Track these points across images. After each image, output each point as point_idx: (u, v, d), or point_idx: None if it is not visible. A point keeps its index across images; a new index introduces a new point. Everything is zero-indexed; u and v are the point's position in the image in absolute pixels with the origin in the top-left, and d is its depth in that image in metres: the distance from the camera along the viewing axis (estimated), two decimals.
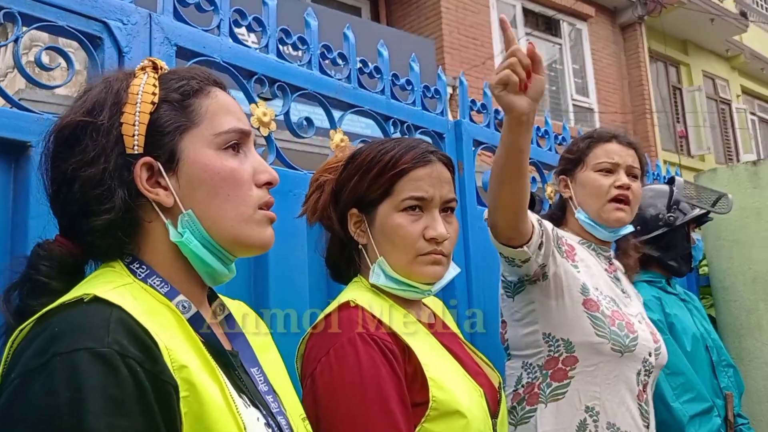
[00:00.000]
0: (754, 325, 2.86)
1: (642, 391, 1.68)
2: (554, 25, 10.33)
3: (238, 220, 0.88)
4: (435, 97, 2.17)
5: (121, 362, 0.70)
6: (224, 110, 0.91)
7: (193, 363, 0.78)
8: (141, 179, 0.85)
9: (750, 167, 2.98)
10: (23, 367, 0.71)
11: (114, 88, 0.88)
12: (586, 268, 1.73)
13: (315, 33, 1.80)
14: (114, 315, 0.74)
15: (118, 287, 0.80)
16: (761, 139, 14.65)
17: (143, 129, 0.86)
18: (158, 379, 0.73)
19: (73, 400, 0.67)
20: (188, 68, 0.96)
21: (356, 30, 2.00)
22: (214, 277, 0.92)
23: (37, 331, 0.74)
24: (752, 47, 13.49)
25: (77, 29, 1.31)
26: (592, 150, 1.85)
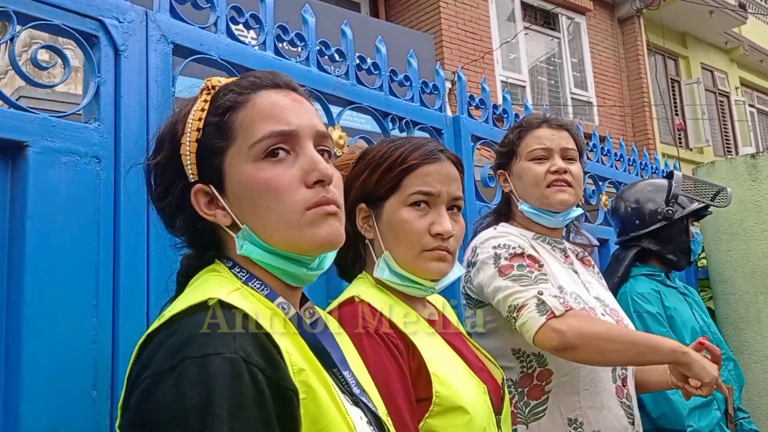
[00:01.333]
0: (753, 317, 2.86)
1: (621, 386, 1.64)
2: (553, 18, 10.30)
3: (285, 228, 0.89)
4: (433, 92, 2.17)
5: (245, 369, 0.73)
6: (261, 116, 0.90)
7: (305, 365, 0.81)
8: (199, 205, 0.91)
9: (749, 160, 2.98)
10: (155, 368, 0.74)
11: (172, 123, 0.94)
12: (548, 269, 1.65)
13: (312, 29, 1.79)
14: (238, 320, 0.78)
15: (233, 291, 0.85)
16: (760, 132, 14.64)
17: (193, 158, 0.91)
18: (279, 386, 0.76)
19: (201, 403, 0.70)
20: (241, 78, 0.96)
21: (355, 25, 2.00)
22: (295, 278, 0.94)
23: (167, 334, 0.77)
24: (751, 39, 13.47)
25: (73, 28, 1.30)
26: (523, 139, 1.78)
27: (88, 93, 1.31)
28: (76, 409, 1.14)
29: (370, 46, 2.04)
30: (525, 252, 1.59)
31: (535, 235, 1.76)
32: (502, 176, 1.84)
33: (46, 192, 1.19)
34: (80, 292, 1.20)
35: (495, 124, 2.38)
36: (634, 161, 3.23)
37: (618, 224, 2.46)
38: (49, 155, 1.21)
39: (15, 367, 1.11)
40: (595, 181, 2.90)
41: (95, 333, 1.19)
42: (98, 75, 1.31)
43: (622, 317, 1.73)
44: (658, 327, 2.10)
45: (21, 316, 1.12)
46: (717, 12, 11.65)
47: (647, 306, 2.13)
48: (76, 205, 1.22)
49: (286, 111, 0.92)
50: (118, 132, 1.31)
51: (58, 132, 1.23)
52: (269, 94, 0.92)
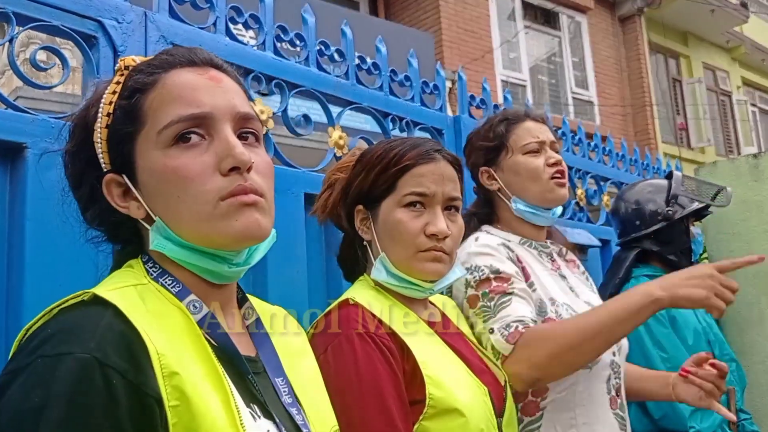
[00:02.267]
0: (755, 319, 2.85)
1: (615, 396, 1.56)
2: (553, 17, 10.30)
3: (196, 220, 0.81)
4: (434, 92, 2.16)
5: (98, 371, 0.67)
6: (170, 98, 0.81)
7: (190, 370, 0.74)
8: (112, 196, 0.84)
9: (751, 160, 2.97)
10: (13, 365, 0.70)
11: (86, 107, 0.87)
12: (537, 280, 1.57)
13: (312, 29, 1.79)
14: (107, 318, 0.71)
15: (125, 287, 0.79)
16: (762, 131, 14.62)
17: (104, 145, 0.84)
18: (140, 391, 0.69)
19: (38, 405, 0.65)
20: (152, 57, 0.88)
21: (354, 25, 1.99)
22: (214, 275, 0.85)
23: (36, 332, 0.72)
24: (753, 38, 13.45)
25: (72, 28, 1.30)
26: (512, 132, 1.67)
27: (87, 94, 1.30)
28: None
29: (370, 45, 2.04)
30: (491, 276, 1.49)
31: (522, 239, 1.67)
32: (486, 174, 1.70)
33: (45, 193, 1.19)
34: None
35: None
36: (636, 161, 3.23)
37: (618, 225, 2.46)
38: (47, 156, 1.20)
39: None
40: (597, 181, 2.90)
41: None
42: (97, 76, 1.31)
43: None
44: (661, 328, 2.09)
45: (20, 318, 1.12)
46: (718, 11, 11.64)
47: None
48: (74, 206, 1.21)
49: (199, 91, 0.83)
50: None
51: (56, 133, 1.22)
52: (181, 73, 0.83)
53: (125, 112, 0.83)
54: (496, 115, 1.75)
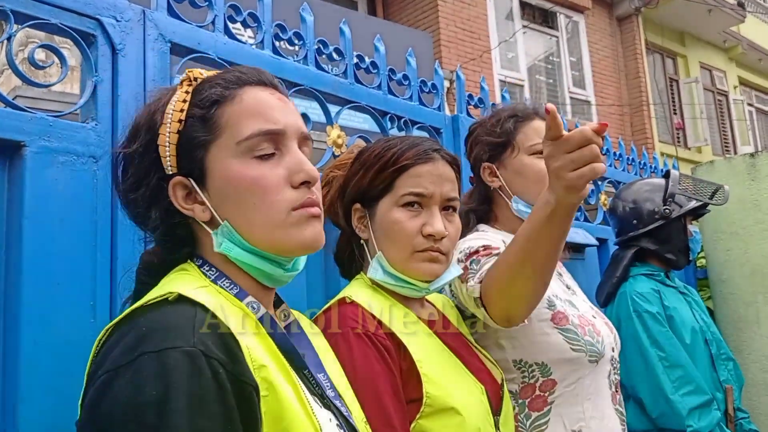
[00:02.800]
0: (752, 317, 2.86)
1: (615, 392, 1.56)
2: (551, 17, 10.30)
3: (269, 227, 0.88)
4: (432, 92, 2.16)
5: (206, 363, 0.71)
6: (248, 114, 0.89)
7: (270, 363, 0.80)
8: (176, 198, 0.89)
9: (748, 159, 2.98)
10: (111, 364, 0.72)
11: (150, 112, 0.91)
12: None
13: (311, 28, 1.79)
14: (199, 315, 0.76)
15: (198, 288, 0.83)
16: (759, 131, 14.64)
17: (173, 149, 0.88)
18: (239, 381, 0.74)
19: (158, 398, 0.68)
20: (223, 72, 0.94)
21: (352, 24, 1.99)
22: (270, 279, 0.92)
23: (125, 330, 0.75)
24: (750, 38, 13.47)
25: (70, 27, 1.29)
26: (520, 130, 1.61)
27: (85, 92, 1.31)
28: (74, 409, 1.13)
29: (368, 44, 2.04)
30: (480, 249, 1.44)
31: None
32: (488, 170, 1.65)
33: (44, 192, 1.19)
34: (77, 293, 1.19)
35: None
36: (633, 160, 3.23)
37: (616, 224, 2.46)
38: (46, 155, 1.20)
39: (13, 368, 1.11)
40: (594, 180, 2.90)
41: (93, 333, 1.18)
42: (95, 74, 1.31)
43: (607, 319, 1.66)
44: (658, 326, 2.10)
45: (18, 317, 1.12)
46: (716, 11, 11.65)
47: (647, 305, 2.13)
48: (73, 205, 1.22)
49: (274, 110, 0.91)
50: (115, 131, 1.30)
51: (55, 132, 1.22)
52: (255, 91, 0.91)
53: (202, 120, 0.89)
54: (504, 108, 1.68)
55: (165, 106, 0.90)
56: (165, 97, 0.92)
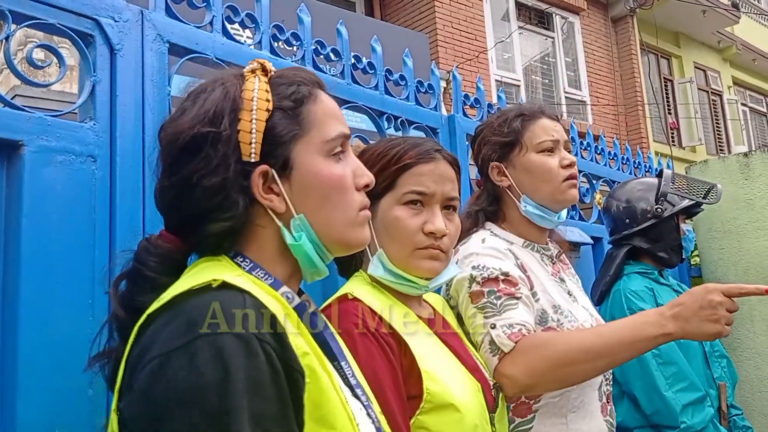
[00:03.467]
0: (745, 315, 2.88)
1: (606, 403, 1.56)
2: (547, 18, 10.32)
3: (345, 224, 0.92)
4: (428, 92, 2.17)
5: (260, 347, 0.72)
6: (331, 116, 0.93)
7: (309, 351, 0.81)
8: (258, 187, 0.87)
9: (741, 158, 3.00)
10: (162, 347, 0.72)
11: (231, 94, 0.89)
12: (541, 287, 1.55)
13: (308, 29, 1.79)
14: (247, 301, 0.76)
15: (237, 276, 0.83)
16: (752, 131, 14.69)
17: (260, 137, 0.87)
18: (288, 366, 0.75)
19: (219, 380, 0.68)
20: (294, 71, 0.95)
21: (350, 25, 2.00)
22: (314, 275, 0.94)
23: (171, 315, 0.75)
24: (744, 39, 13.52)
25: (68, 27, 1.30)
26: (527, 129, 1.62)
27: (83, 92, 1.31)
28: (72, 408, 1.14)
29: (366, 45, 2.05)
30: (500, 277, 1.46)
31: (525, 242, 1.64)
32: (497, 169, 1.66)
33: (42, 191, 1.19)
34: (76, 291, 1.19)
35: None
36: (628, 160, 3.24)
37: (610, 223, 2.47)
38: (44, 154, 1.20)
39: (11, 365, 1.11)
40: (589, 179, 2.92)
41: (91, 332, 1.19)
42: (94, 74, 1.31)
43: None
44: None
45: (17, 315, 1.12)
46: (710, 11, 11.69)
47: (640, 303, 2.14)
48: (71, 204, 1.22)
49: (341, 115, 0.96)
50: (113, 131, 1.31)
51: (53, 131, 1.22)
52: (324, 95, 0.95)
53: (291, 115, 0.90)
54: (510, 108, 1.70)
55: (242, 92, 0.89)
56: (236, 80, 0.90)
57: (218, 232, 0.87)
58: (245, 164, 0.86)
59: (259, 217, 0.89)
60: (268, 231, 0.90)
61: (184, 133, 0.86)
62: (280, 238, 0.89)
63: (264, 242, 0.90)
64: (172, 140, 0.88)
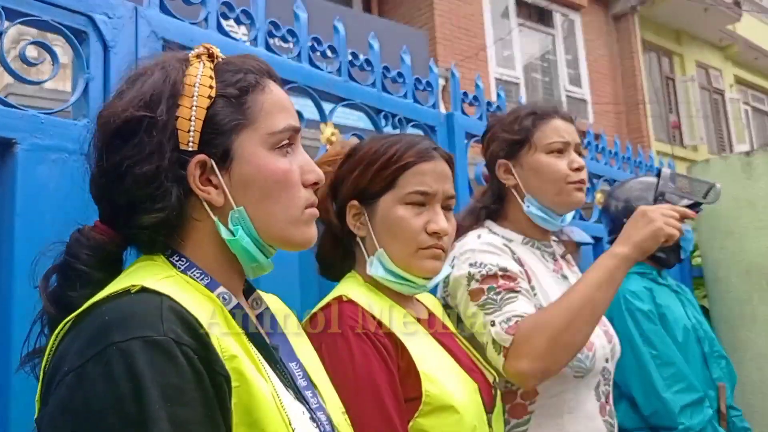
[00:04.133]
0: (747, 316, 2.86)
1: (605, 403, 1.55)
2: (547, 15, 10.31)
3: (287, 221, 0.88)
4: (427, 89, 2.16)
5: (178, 350, 0.69)
6: (279, 107, 0.89)
7: (240, 354, 0.78)
8: (194, 178, 0.84)
9: (743, 158, 2.99)
10: (77, 359, 0.69)
11: (171, 78, 0.84)
12: (538, 283, 1.55)
13: (304, 25, 1.78)
14: (165, 303, 0.73)
15: (163, 278, 0.79)
16: (754, 129, 14.68)
17: (199, 125, 0.83)
18: (212, 370, 0.72)
19: (134, 390, 0.66)
20: (243, 58, 0.91)
21: (347, 21, 1.99)
22: (257, 271, 0.92)
23: (85, 324, 0.72)
24: (746, 36, 13.49)
25: (62, 23, 1.29)
26: (538, 128, 1.61)
27: (77, 89, 1.30)
28: None
29: (363, 42, 2.03)
30: (498, 273, 1.47)
31: (525, 239, 1.64)
32: (504, 167, 1.64)
33: (35, 189, 1.18)
34: None
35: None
36: (629, 159, 3.23)
37: (609, 222, 2.46)
38: (37, 152, 1.20)
39: (4, 366, 1.10)
40: (590, 178, 2.90)
41: None
42: (87, 71, 1.30)
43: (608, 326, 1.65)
44: (650, 324, 2.10)
45: (10, 314, 1.11)
46: (712, 9, 11.67)
47: (639, 304, 2.13)
48: (65, 202, 1.21)
49: (292, 107, 0.92)
50: None
51: (46, 129, 1.22)
52: (274, 85, 0.91)
53: (235, 104, 0.86)
54: (523, 106, 1.68)
55: (183, 76, 0.85)
56: (180, 64, 0.87)
57: (150, 225, 0.82)
58: (182, 153, 0.83)
59: (197, 210, 0.85)
60: (205, 226, 0.86)
61: (118, 116, 0.82)
62: (219, 233, 0.86)
63: (202, 238, 0.86)
64: (105, 123, 0.83)
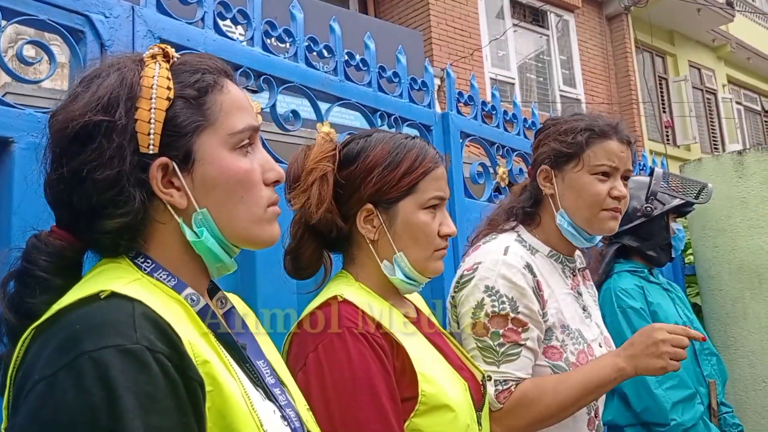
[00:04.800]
0: (739, 313, 2.88)
1: (594, 417, 1.56)
2: (541, 16, 10.33)
3: (250, 221, 0.88)
4: (422, 89, 2.17)
5: (152, 358, 0.68)
6: (237, 107, 0.88)
7: (212, 357, 0.77)
8: (157, 181, 0.82)
9: (735, 157, 3.00)
10: (46, 368, 0.67)
11: (128, 80, 0.82)
12: (555, 304, 1.54)
13: (301, 25, 1.79)
14: (137, 310, 0.72)
15: (130, 282, 0.77)
16: (747, 129, 14.74)
17: (159, 127, 0.81)
18: (186, 375, 0.71)
19: (108, 399, 0.65)
20: (199, 57, 0.90)
21: (343, 22, 1.99)
22: (222, 270, 0.91)
23: (54, 331, 0.71)
24: (738, 37, 13.54)
25: (59, 23, 1.29)
26: (591, 147, 1.57)
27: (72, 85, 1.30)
28: None
29: (359, 42, 2.04)
30: (510, 315, 1.46)
31: (551, 251, 1.62)
32: (545, 174, 1.62)
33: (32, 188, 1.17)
34: None
35: (484, 121, 2.38)
36: None
37: None
38: (34, 151, 1.18)
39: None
40: None
41: None
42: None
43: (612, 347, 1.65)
44: (642, 322, 2.11)
45: None
46: (704, 10, 11.71)
47: (630, 301, 2.14)
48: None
49: (250, 106, 0.91)
50: None
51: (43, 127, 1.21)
52: (231, 84, 0.90)
53: (194, 105, 0.85)
54: (583, 117, 1.64)
55: (140, 78, 0.83)
56: (135, 66, 0.85)
57: (114, 230, 0.81)
58: (143, 156, 0.81)
59: (159, 213, 0.84)
60: (169, 228, 0.85)
61: (75, 121, 0.79)
62: (182, 233, 0.85)
63: (166, 240, 0.85)
64: (61, 128, 0.81)
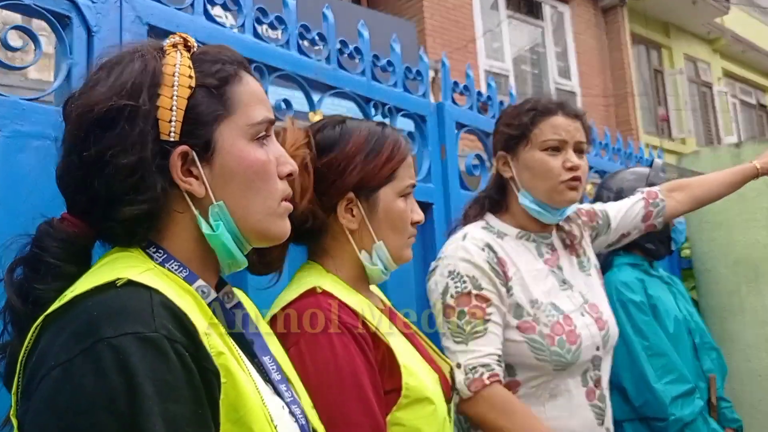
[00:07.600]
0: (736, 307, 2.87)
1: (594, 387, 1.57)
2: (536, 7, 10.29)
3: (265, 213, 0.87)
4: (417, 78, 2.13)
5: (170, 347, 0.68)
6: (256, 99, 0.89)
7: (225, 350, 0.77)
8: (177, 169, 0.82)
9: (732, 149, 2.99)
10: (63, 354, 0.67)
11: (150, 67, 0.82)
12: (520, 281, 1.56)
13: (293, 12, 1.75)
14: (155, 299, 0.72)
15: (144, 271, 0.77)
16: (742, 122, 14.76)
17: (181, 115, 0.82)
18: (201, 366, 0.71)
19: (127, 385, 0.65)
20: (219, 48, 0.90)
21: (336, 12, 1.96)
22: (233, 266, 0.90)
23: (69, 317, 0.70)
24: (734, 30, 13.54)
25: (45, 8, 1.26)
26: (537, 125, 1.62)
27: (59, 75, 1.27)
28: None
29: (353, 33, 2.01)
30: (473, 292, 1.50)
31: (520, 232, 1.66)
32: (503, 160, 1.68)
33: (17, 176, 1.16)
34: None
35: (479, 112, 2.35)
36: (619, 150, 3.23)
37: None
38: (19, 139, 1.17)
39: None
40: None
41: None
42: (70, 57, 1.28)
43: (602, 312, 1.65)
44: (642, 315, 2.10)
45: None
46: (700, 2, 11.70)
47: (631, 295, 2.13)
48: (47, 190, 1.18)
49: (267, 99, 0.92)
50: None
51: (28, 115, 1.19)
52: (249, 77, 0.91)
53: (215, 95, 0.85)
54: (527, 100, 1.70)
55: (162, 65, 0.83)
56: (157, 53, 0.85)
57: (132, 217, 0.80)
58: (164, 143, 0.81)
59: (177, 202, 0.84)
60: (185, 217, 0.85)
61: (99, 105, 0.79)
62: (197, 225, 0.85)
63: (180, 230, 0.85)
64: (84, 112, 0.80)
